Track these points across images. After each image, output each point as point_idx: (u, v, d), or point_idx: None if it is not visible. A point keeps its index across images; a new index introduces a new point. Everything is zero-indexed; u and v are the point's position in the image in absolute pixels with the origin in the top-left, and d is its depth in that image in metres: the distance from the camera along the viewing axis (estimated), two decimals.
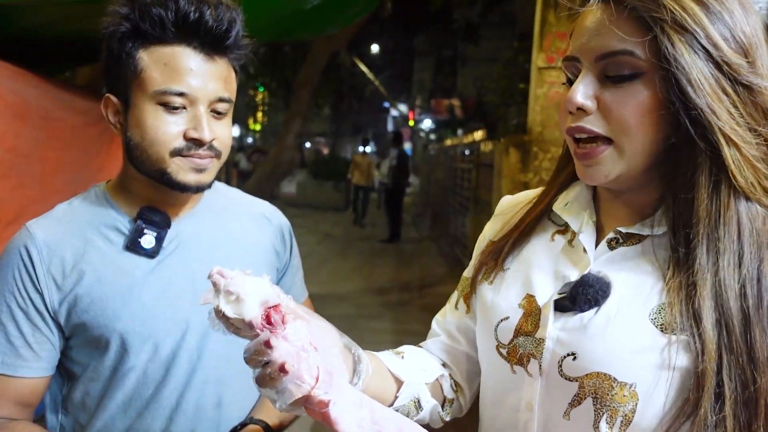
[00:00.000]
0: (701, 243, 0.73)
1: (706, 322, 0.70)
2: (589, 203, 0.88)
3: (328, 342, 0.75)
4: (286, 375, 0.67)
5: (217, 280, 0.72)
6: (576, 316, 0.80)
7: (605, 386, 0.75)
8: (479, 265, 0.98)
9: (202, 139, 1.01)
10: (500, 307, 0.89)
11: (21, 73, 2.51)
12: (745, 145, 0.71)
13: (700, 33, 0.70)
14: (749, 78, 0.71)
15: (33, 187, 2.57)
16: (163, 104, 1.00)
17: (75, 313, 1.04)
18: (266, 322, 0.69)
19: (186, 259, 1.11)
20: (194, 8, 0.98)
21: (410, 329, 5.56)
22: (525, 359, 0.84)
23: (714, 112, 0.70)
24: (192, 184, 1.04)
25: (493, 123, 8.10)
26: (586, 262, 0.83)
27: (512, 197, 1.05)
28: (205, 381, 1.11)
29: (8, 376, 1.03)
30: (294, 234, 1.32)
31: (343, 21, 3.92)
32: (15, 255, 1.04)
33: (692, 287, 0.73)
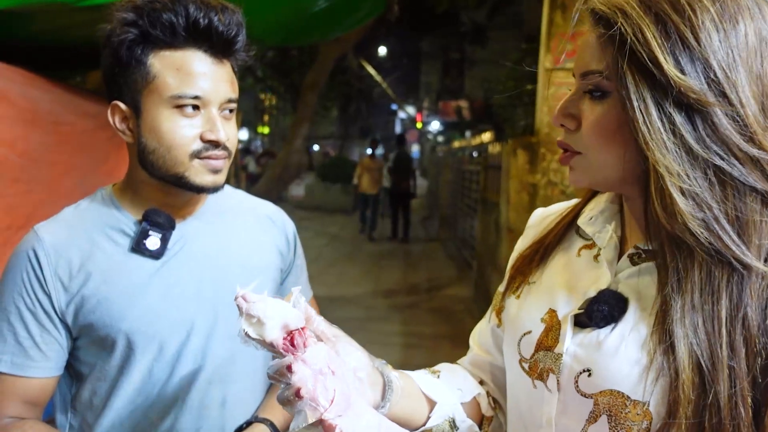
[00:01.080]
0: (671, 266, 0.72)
1: (679, 349, 0.69)
2: (615, 216, 0.87)
3: (354, 365, 0.77)
4: (302, 399, 0.69)
5: (240, 304, 0.75)
6: (593, 332, 0.79)
7: (619, 404, 0.75)
8: (509, 279, 0.98)
9: (219, 140, 1.03)
10: (524, 321, 0.89)
11: (32, 77, 2.53)
12: (669, 176, 0.68)
13: (645, 55, 0.68)
14: (701, 101, 0.67)
15: (43, 192, 2.59)
16: (178, 108, 1.02)
17: (82, 313, 1.06)
18: (290, 344, 0.72)
19: (191, 260, 1.12)
20: (203, 14, 1.00)
21: (419, 332, 5.56)
22: (545, 374, 0.83)
23: (644, 138, 0.69)
24: (209, 185, 1.06)
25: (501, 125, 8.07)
26: (606, 277, 0.82)
27: (544, 209, 1.04)
28: (210, 380, 1.12)
29: (17, 376, 1.05)
30: (302, 236, 1.33)
31: (350, 24, 3.93)
32: (23, 258, 1.06)
33: (666, 312, 0.72)
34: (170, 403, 1.10)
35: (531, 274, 0.93)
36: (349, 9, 3.33)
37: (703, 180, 0.69)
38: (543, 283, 0.91)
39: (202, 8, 1.00)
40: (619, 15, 0.70)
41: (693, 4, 0.68)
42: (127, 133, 1.08)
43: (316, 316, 0.77)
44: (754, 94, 0.69)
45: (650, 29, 0.68)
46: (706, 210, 0.69)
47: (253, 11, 1.11)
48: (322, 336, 0.76)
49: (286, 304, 0.75)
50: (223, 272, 1.14)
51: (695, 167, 0.68)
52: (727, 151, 0.68)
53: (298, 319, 0.74)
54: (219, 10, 1.02)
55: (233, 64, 1.09)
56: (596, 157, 0.77)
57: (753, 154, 0.68)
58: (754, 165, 0.68)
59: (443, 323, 5.85)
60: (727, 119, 0.68)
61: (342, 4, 3.09)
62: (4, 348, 1.05)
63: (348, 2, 3.15)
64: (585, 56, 0.76)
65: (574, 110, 0.78)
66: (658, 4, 0.69)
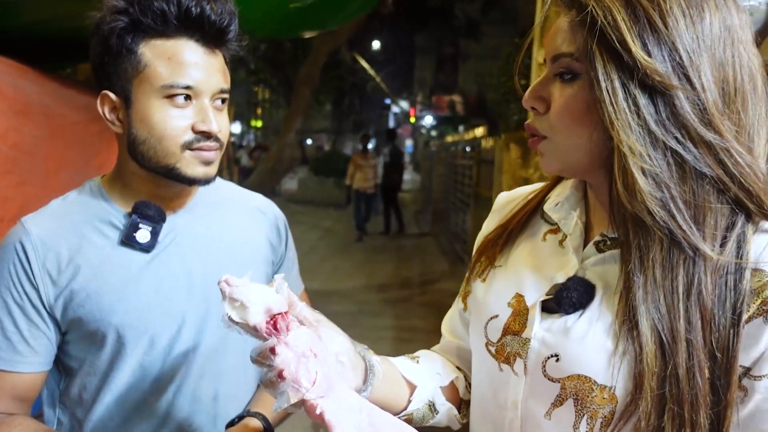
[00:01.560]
0: (633, 245, 0.74)
1: (642, 324, 0.72)
2: (579, 203, 0.89)
3: (335, 349, 0.79)
4: (284, 380, 0.72)
5: (223, 288, 0.76)
6: (561, 318, 0.81)
7: (585, 388, 0.76)
8: (474, 262, 0.99)
9: (211, 131, 1.02)
10: (490, 305, 0.91)
11: (22, 69, 2.51)
12: (632, 156, 0.70)
13: (614, 37, 0.70)
14: (665, 84, 0.69)
15: (35, 185, 2.57)
16: (169, 98, 1.00)
17: (71, 307, 1.04)
18: (273, 328, 0.74)
19: (181, 253, 1.11)
20: (195, 2, 0.98)
21: (411, 326, 5.57)
22: (512, 358, 0.85)
23: (609, 117, 0.71)
24: (201, 177, 1.05)
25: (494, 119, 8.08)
26: (573, 264, 0.84)
27: (509, 193, 1.05)
28: (202, 374, 1.12)
29: (5, 372, 1.03)
30: (295, 230, 1.32)
31: (344, 17, 3.92)
32: (10, 251, 1.04)
33: (628, 291, 0.74)
34: (162, 397, 1.09)
35: (496, 257, 0.95)
36: (342, 2, 3.31)
37: (662, 161, 0.71)
38: (509, 267, 0.92)
39: None
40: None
41: None
42: (116, 123, 1.06)
43: (299, 301, 0.79)
44: (715, 79, 0.71)
45: (620, 12, 0.70)
46: (664, 190, 0.71)
47: (245, 3, 1.10)
48: (305, 321, 0.78)
49: (269, 288, 0.77)
50: (214, 265, 1.13)
51: (656, 148, 0.70)
52: (684, 134, 0.70)
53: (281, 304, 0.76)
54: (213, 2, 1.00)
55: (225, 54, 1.08)
56: (563, 140, 0.78)
57: (708, 139, 0.70)
58: (708, 149, 0.70)
59: (435, 317, 5.82)
60: (688, 103, 0.70)
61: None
62: None
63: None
64: (556, 40, 0.77)
65: (544, 93, 0.80)
66: None
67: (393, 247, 10.19)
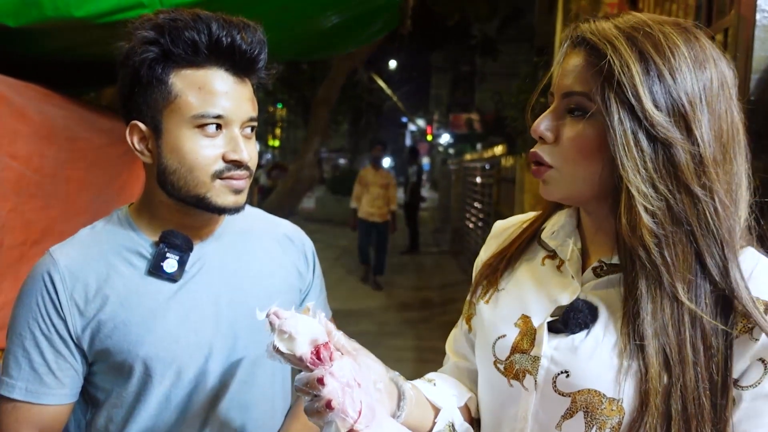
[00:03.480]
0: (641, 277, 0.81)
1: (650, 350, 0.79)
2: (573, 231, 0.95)
3: (373, 377, 0.83)
4: (332, 410, 0.74)
5: (273, 320, 0.80)
6: (568, 337, 0.87)
7: (595, 401, 0.83)
8: (475, 286, 1.05)
9: (242, 160, 1.01)
10: (497, 325, 0.96)
11: (48, 94, 2.54)
12: (638, 196, 0.78)
13: (629, 88, 0.77)
14: (666, 136, 0.77)
15: (58, 207, 2.59)
16: (200, 128, 1.00)
17: (98, 338, 1.03)
18: (316, 358, 0.78)
19: (209, 282, 1.10)
20: (226, 32, 0.98)
21: (432, 346, 5.51)
22: (521, 374, 0.91)
23: (620, 160, 0.78)
24: (231, 206, 1.04)
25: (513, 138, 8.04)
26: (575, 287, 0.90)
27: (505, 221, 1.12)
28: (229, 406, 1.10)
29: (32, 404, 1.02)
30: None
31: (364, 39, 3.94)
32: (38, 282, 1.04)
33: (636, 318, 0.80)
34: (188, 429, 1.07)
35: (498, 281, 1.01)
36: (362, 24, 3.33)
37: (663, 203, 0.78)
38: (512, 290, 0.99)
39: (225, 26, 0.98)
40: (608, 47, 0.79)
41: (672, 48, 0.79)
42: (146, 153, 1.05)
43: (336, 330, 0.83)
44: (714, 132, 0.79)
45: (635, 65, 0.78)
46: (666, 230, 0.79)
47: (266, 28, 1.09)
48: (342, 350, 0.82)
49: (313, 320, 0.81)
50: (241, 294, 1.11)
51: (657, 191, 0.78)
52: (676, 184, 0.78)
53: (323, 334, 0.80)
54: (241, 27, 1.00)
55: (254, 82, 1.07)
56: (571, 172, 0.85)
57: (696, 192, 0.78)
58: (692, 202, 0.78)
59: None
60: (686, 155, 0.78)
61: (355, 20, 3.09)
62: (19, 375, 1.02)
63: (361, 18, 3.15)
64: (569, 78, 0.84)
65: (552, 125, 0.86)
66: (643, 43, 0.79)
67: (412, 266, 10.15)
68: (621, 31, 0.80)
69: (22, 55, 2.53)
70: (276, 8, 2.45)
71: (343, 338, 0.82)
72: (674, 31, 0.80)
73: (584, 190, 0.85)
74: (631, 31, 0.80)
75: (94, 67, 2.90)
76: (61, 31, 2.24)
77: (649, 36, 0.79)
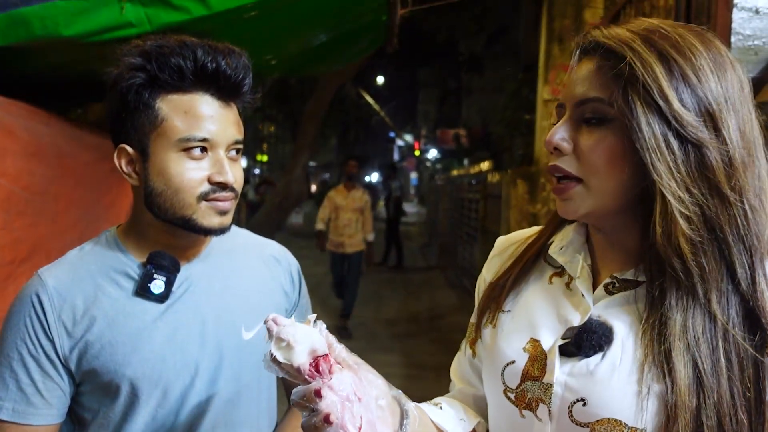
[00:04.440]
0: (670, 288, 0.77)
1: (678, 365, 0.74)
2: (582, 246, 0.90)
3: (375, 393, 0.78)
4: (331, 425, 0.70)
5: (271, 327, 0.76)
6: (582, 361, 0.81)
7: (617, 431, 0.77)
8: (481, 309, 1.00)
9: (227, 182, 1.03)
10: (504, 351, 0.91)
11: (35, 112, 2.55)
12: (674, 201, 0.74)
13: (654, 89, 0.74)
14: (697, 136, 0.73)
15: (46, 225, 2.59)
16: (186, 151, 1.02)
17: (86, 359, 1.04)
18: (315, 370, 0.73)
19: (195, 302, 1.11)
20: (211, 58, 1.01)
21: (421, 362, 5.51)
22: (534, 404, 0.85)
23: (653, 164, 0.74)
24: (216, 227, 1.06)
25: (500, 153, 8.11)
26: (586, 306, 0.85)
27: (507, 237, 1.07)
28: (215, 425, 1.10)
29: (19, 424, 1.02)
30: (301, 265, 1.32)
31: (351, 56, 3.97)
32: (27, 303, 1.04)
33: (664, 331, 0.76)
34: None
35: (503, 303, 0.95)
36: (349, 42, 3.36)
37: (698, 207, 0.74)
38: (518, 312, 0.93)
39: (210, 52, 1.01)
40: (627, 50, 0.76)
41: (692, 48, 0.76)
42: (133, 176, 1.07)
43: (337, 343, 0.78)
44: (741, 133, 0.76)
45: (658, 66, 0.74)
46: (702, 236, 0.74)
47: (256, 45, 1.12)
48: (344, 363, 0.77)
49: (314, 330, 0.77)
50: (228, 314, 1.12)
51: (692, 195, 0.74)
52: (708, 187, 0.74)
53: (323, 346, 0.75)
54: (226, 53, 1.02)
55: (239, 106, 1.09)
56: (598, 183, 0.80)
57: (728, 195, 0.74)
58: (724, 206, 0.74)
59: (444, 353, 5.78)
60: (716, 156, 0.74)
61: (343, 38, 3.13)
62: (6, 395, 1.02)
63: (348, 35, 3.18)
64: (582, 85, 0.80)
65: (567, 135, 0.82)
66: (661, 43, 0.76)
67: (400, 281, 10.15)
68: (636, 34, 0.77)
69: (9, 73, 2.53)
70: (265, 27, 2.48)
71: (344, 351, 0.78)
72: (689, 34, 0.77)
73: (610, 204, 0.81)
74: (647, 34, 0.77)
75: (80, 83, 2.91)
76: (49, 50, 2.25)
77: (665, 37, 0.76)
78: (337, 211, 6.57)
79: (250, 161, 25.73)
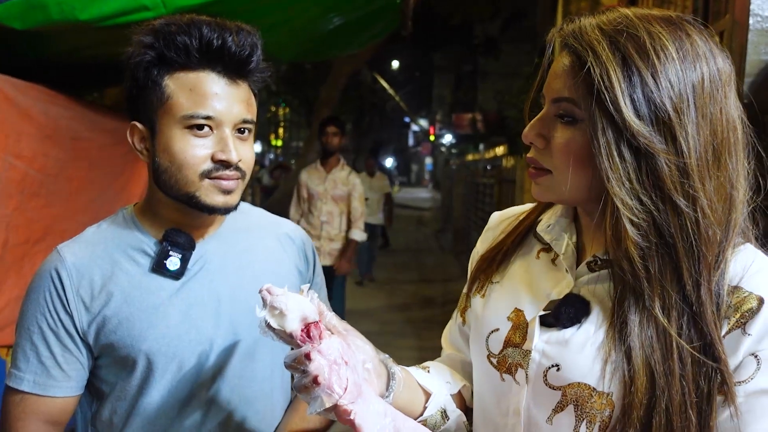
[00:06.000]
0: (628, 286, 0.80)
1: (635, 359, 0.78)
2: (569, 226, 0.94)
3: (362, 357, 0.85)
4: (319, 386, 0.77)
5: (265, 296, 0.83)
6: (559, 331, 0.87)
7: (585, 395, 0.83)
8: (472, 279, 1.05)
9: (230, 161, 1.03)
10: (490, 319, 0.96)
11: (53, 95, 2.58)
12: (623, 208, 0.76)
13: (608, 97, 0.75)
14: (649, 147, 0.75)
15: (60, 206, 2.63)
16: (190, 128, 1.02)
17: (103, 333, 1.06)
18: (306, 335, 0.80)
19: (210, 280, 1.13)
20: (217, 35, 1.01)
21: (434, 346, 5.50)
22: (513, 368, 0.91)
23: (605, 171, 0.76)
24: (220, 206, 1.06)
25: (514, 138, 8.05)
26: (568, 281, 0.90)
27: (502, 213, 1.11)
28: (229, 400, 1.12)
29: (39, 396, 1.06)
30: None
31: (365, 40, 3.96)
32: (46, 278, 1.07)
33: (624, 330, 0.79)
34: (190, 422, 1.10)
35: (493, 274, 1.01)
36: (363, 26, 3.35)
37: (648, 215, 0.77)
38: (506, 284, 0.99)
39: (217, 29, 1.01)
40: (589, 54, 0.77)
41: (657, 49, 0.75)
42: (144, 153, 1.09)
43: (328, 311, 0.85)
44: (704, 136, 0.76)
45: (615, 72, 0.75)
46: (650, 242, 0.77)
47: (270, 29, 1.12)
48: (334, 330, 0.84)
49: (305, 298, 0.83)
50: (242, 291, 1.14)
51: (642, 203, 0.77)
52: (660, 195, 0.76)
53: (314, 313, 0.82)
54: (234, 31, 1.03)
55: (251, 85, 1.09)
56: (564, 177, 0.83)
57: (678, 204, 0.75)
58: (675, 213, 0.76)
59: None
60: (670, 165, 0.75)
61: (356, 22, 3.12)
62: (27, 368, 1.06)
63: (362, 19, 3.17)
64: (557, 83, 0.82)
65: (544, 131, 0.85)
66: (625, 46, 0.76)
67: (414, 266, 10.17)
68: (604, 34, 0.77)
69: (28, 57, 2.56)
70: (279, 10, 2.48)
71: (334, 319, 0.85)
72: (663, 30, 0.76)
73: (576, 196, 0.85)
74: (614, 34, 0.77)
75: (97, 67, 2.93)
76: (65, 34, 2.27)
77: (632, 38, 0.76)
78: (310, 201, 4.70)
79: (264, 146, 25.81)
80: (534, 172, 0.88)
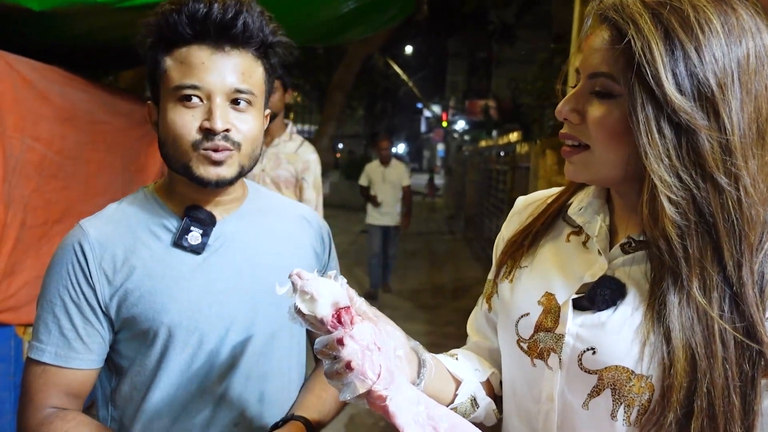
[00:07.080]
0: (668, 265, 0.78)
1: (675, 341, 0.76)
2: (602, 208, 0.93)
3: (393, 343, 0.83)
4: (352, 371, 0.75)
5: (295, 281, 0.81)
6: (594, 314, 0.85)
7: (623, 378, 0.81)
8: (499, 265, 1.04)
9: (213, 128, 1.03)
10: (520, 304, 0.95)
11: (70, 78, 2.60)
12: (661, 185, 0.74)
13: (649, 72, 0.73)
14: (691, 123, 0.72)
15: (78, 188, 2.66)
16: (181, 100, 1.05)
17: (125, 306, 1.08)
18: (337, 321, 0.78)
19: (231, 257, 1.14)
20: (202, 5, 1.03)
21: (444, 332, 5.56)
22: (545, 353, 0.89)
23: (644, 147, 0.74)
24: (211, 179, 1.06)
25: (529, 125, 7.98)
26: (601, 264, 0.88)
27: (527, 197, 1.10)
28: (248, 376, 1.14)
29: (60, 368, 1.07)
30: None
31: (379, 25, 3.94)
32: (69, 251, 1.08)
33: (663, 311, 0.78)
34: (209, 397, 1.11)
35: (521, 258, 0.99)
36: (377, 10, 3.34)
37: (687, 193, 0.75)
38: (535, 268, 0.97)
39: (203, 2, 1.03)
40: (631, 27, 0.74)
41: (701, 23, 0.73)
42: (156, 130, 1.12)
43: (357, 296, 0.83)
44: (748, 113, 0.74)
45: (657, 45, 0.73)
46: (689, 221, 0.75)
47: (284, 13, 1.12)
48: (364, 315, 0.81)
49: (335, 283, 0.81)
50: (262, 269, 1.15)
51: (681, 180, 0.74)
52: (700, 172, 0.74)
53: (345, 298, 0.80)
54: (224, 1, 1.03)
55: (253, 55, 1.08)
56: (602, 153, 0.81)
57: (719, 182, 0.73)
58: (716, 192, 0.74)
59: None
60: (712, 142, 0.73)
61: (371, 6, 3.10)
62: (49, 339, 1.07)
63: (377, 3, 3.16)
64: (594, 58, 0.80)
65: (579, 106, 0.83)
66: (669, 19, 0.73)
67: (425, 252, 10.18)
68: (646, 7, 0.75)
69: (46, 39, 2.57)
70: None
71: (364, 304, 0.82)
72: (707, 3, 0.74)
73: (612, 173, 0.82)
74: (657, 7, 0.74)
75: (113, 50, 2.94)
76: (82, 16, 2.28)
77: (676, 11, 0.73)
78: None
79: None
80: (569, 149, 0.86)
